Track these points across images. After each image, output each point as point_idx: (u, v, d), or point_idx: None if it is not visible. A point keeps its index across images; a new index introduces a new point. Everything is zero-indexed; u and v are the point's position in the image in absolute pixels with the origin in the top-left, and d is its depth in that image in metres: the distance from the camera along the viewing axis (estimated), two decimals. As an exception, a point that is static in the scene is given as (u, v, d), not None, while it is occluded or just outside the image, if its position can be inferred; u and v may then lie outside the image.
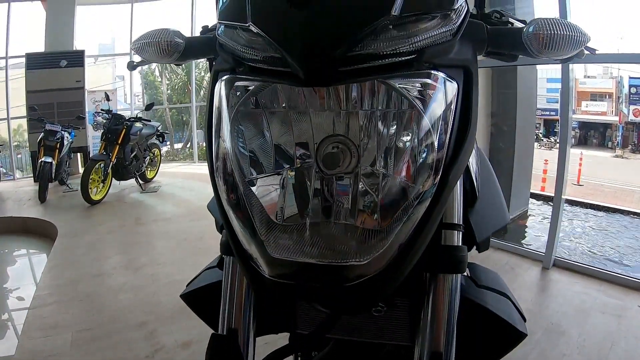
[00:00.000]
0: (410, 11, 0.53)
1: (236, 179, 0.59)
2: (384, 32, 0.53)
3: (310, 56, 0.51)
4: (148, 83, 16.44)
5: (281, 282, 0.58)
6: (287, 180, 0.58)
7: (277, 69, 0.56)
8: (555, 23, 0.64)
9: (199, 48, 0.78)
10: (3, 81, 7.77)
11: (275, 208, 0.58)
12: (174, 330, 2.30)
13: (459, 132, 0.58)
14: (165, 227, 4.25)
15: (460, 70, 0.60)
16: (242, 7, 0.57)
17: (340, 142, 0.56)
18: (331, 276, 0.56)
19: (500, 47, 0.70)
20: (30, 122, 6.75)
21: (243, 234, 0.60)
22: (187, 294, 0.93)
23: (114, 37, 14.70)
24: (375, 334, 0.83)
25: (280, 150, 0.59)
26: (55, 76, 6.99)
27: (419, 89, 0.54)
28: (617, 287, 2.73)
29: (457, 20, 0.59)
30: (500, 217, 0.91)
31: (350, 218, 0.57)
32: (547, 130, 18.95)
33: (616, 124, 19.34)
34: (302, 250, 0.56)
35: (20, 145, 10.75)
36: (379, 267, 0.56)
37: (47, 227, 4.35)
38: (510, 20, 0.80)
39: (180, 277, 2.89)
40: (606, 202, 9.88)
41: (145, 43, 0.76)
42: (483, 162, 0.97)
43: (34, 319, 2.47)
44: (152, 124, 6.32)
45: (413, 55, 0.55)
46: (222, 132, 0.60)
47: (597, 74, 20.27)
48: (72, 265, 3.30)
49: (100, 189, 5.24)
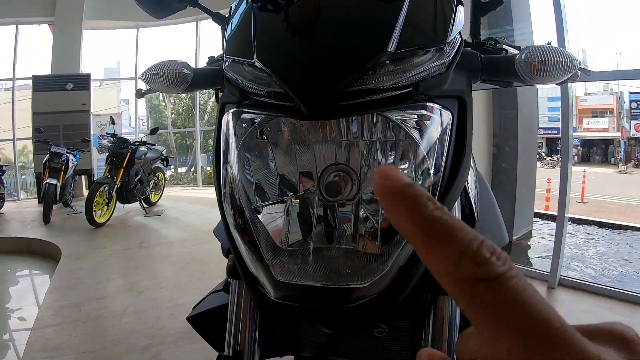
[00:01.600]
0: (406, 47, 0.57)
1: (243, 206, 0.61)
2: (381, 67, 0.56)
3: (312, 92, 0.54)
4: (153, 107, 16.64)
5: (286, 303, 0.60)
6: (291, 207, 0.61)
7: (281, 103, 0.59)
8: (546, 50, 0.67)
9: (206, 79, 0.81)
10: (10, 102, 7.89)
11: (280, 234, 0.60)
12: (178, 355, 2.28)
13: (454, 158, 0.60)
14: (169, 251, 4.24)
15: (454, 100, 0.63)
16: (249, 43, 0.60)
17: (342, 171, 0.58)
18: (334, 298, 0.58)
19: (494, 75, 0.73)
20: (35, 143, 6.84)
21: (250, 258, 0.62)
22: (193, 316, 0.95)
23: (119, 61, 14.99)
24: (378, 355, 0.84)
25: (284, 179, 0.61)
26: (61, 99, 7.12)
27: (416, 119, 0.57)
28: (624, 304, 2.70)
29: (451, 53, 0.62)
30: (499, 238, 0.93)
31: (352, 243, 0.59)
32: (549, 149, 18.97)
33: (618, 140, 19.35)
34: (306, 274, 0.58)
35: (25, 166, 10.83)
36: (380, 289, 0.58)
37: (51, 248, 4.36)
38: (504, 47, 0.83)
39: (182, 301, 2.88)
40: (611, 218, 9.77)
41: (155, 74, 0.79)
42: (482, 185, 0.99)
43: (36, 340, 2.46)
44: (156, 148, 6.40)
45: (409, 89, 0.58)
46: (230, 161, 0.63)
47: (597, 90, 20.40)
48: (75, 287, 3.30)
49: (105, 211, 5.27)
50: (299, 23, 0.60)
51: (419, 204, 0.18)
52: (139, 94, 1.01)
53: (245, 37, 0.62)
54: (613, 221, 8.74)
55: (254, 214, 0.61)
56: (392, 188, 0.18)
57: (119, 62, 15.28)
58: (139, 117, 11.10)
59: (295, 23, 0.60)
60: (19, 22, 7.67)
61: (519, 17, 4.49)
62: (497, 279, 0.16)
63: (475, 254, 0.17)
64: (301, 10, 0.62)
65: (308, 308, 0.60)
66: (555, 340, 0.16)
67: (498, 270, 0.16)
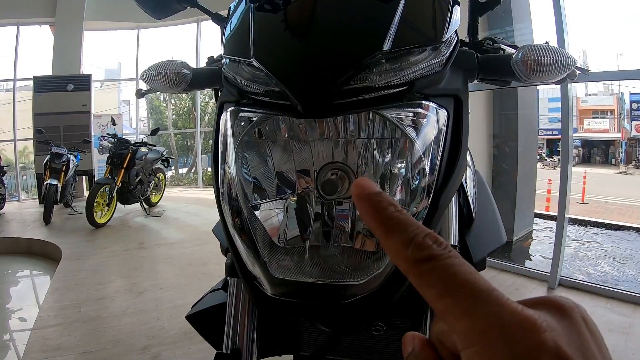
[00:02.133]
0: (401, 45, 0.57)
1: (241, 204, 0.62)
2: (376, 65, 0.57)
3: (308, 90, 0.55)
4: (153, 108, 16.63)
5: (283, 300, 0.61)
6: (288, 205, 0.61)
7: (279, 101, 0.59)
8: (542, 49, 0.68)
9: (205, 79, 0.82)
10: (10, 103, 7.91)
11: (277, 231, 0.61)
12: (177, 355, 2.29)
13: (450, 157, 0.61)
14: (169, 252, 4.25)
15: (450, 98, 0.63)
16: (246, 43, 0.61)
17: (339, 169, 0.59)
18: (330, 294, 0.58)
19: (490, 74, 0.73)
20: (36, 144, 6.85)
21: (247, 256, 0.62)
22: (192, 315, 0.95)
23: (120, 62, 14.98)
24: (376, 354, 0.84)
25: (282, 177, 0.61)
26: (62, 99, 7.13)
27: (412, 118, 0.57)
28: (624, 304, 2.70)
29: (447, 52, 0.62)
30: (496, 237, 0.93)
31: (348, 240, 0.59)
32: (550, 149, 18.96)
33: (619, 141, 19.33)
34: (302, 271, 0.59)
35: (26, 166, 10.85)
36: (376, 286, 0.58)
37: (52, 249, 4.36)
38: (502, 47, 0.83)
39: (183, 302, 2.88)
40: (611, 219, 9.75)
41: (154, 74, 0.80)
42: (480, 185, 1.00)
43: (36, 340, 2.47)
44: (157, 148, 6.41)
45: (405, 87, 0.58)
46: (228, 159, 0.63)
47: (598, 91, 20.40)
48: (76, 288, 3.30)
49: (105, 212, 5.28)
50: (295, 23, 0.61)
51: (381, 207, 0.23)
52: (139, 94, 1.02)
53: (243, 37, 0.63)
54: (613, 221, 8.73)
55: (252, 212, 0.62)
56: (363, 195, 0.24)
57: (119, 63, 15.27)
58: (140, 118, 11.17)
59: (292, 23, 0.61)
60: (20, 23, 7.69)
61: (518, 18, 4.49)
62: (435, 258, 0.21)
63: (420, 241, 0.22)
64: (298, 10, 0.62)
65: (305, 304, 0.61)
66: (482, 297, 0.20)
67: (435, 252, 0.21)
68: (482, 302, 0.19)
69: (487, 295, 0.20)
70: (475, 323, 0.19)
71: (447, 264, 0.21)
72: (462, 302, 0.20)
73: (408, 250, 0.22)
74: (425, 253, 0.21)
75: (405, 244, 0.22)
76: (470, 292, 0.20)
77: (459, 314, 0.20)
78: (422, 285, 0.21)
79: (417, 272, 0.21)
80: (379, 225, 0.23)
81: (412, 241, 0.22)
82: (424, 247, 0.21)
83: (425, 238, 0.22)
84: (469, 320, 0.19)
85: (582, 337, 0.20)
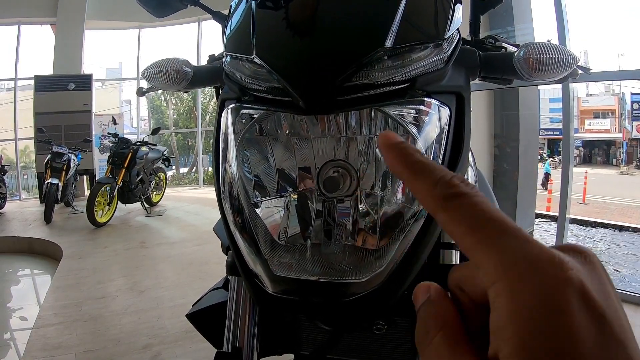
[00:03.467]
0: (403, 42, 0.57)
1: (242, 202, 0.61)
2: (378, 62, 0.56)
3: (309, 87, 0.55)
4: (154, 108, 16.67)
5: (284, 297, 0.60)
6: (290, 203, 0.61)
7: (280, 98, 0.59)
8: (544, 47, 0.67)
9: (206, 76, 0.82)
10: (12, 102, 7.92)
11: (278, 229, 0.61)
12: (178, 354, 2.29)
13: (452, 154, 0.61)
14: (170, 251, 4.25)
15: (452, 95, 0.63)
16: (248, 40, 0.61)
17: (341, 167, 0.58)
18: (331, 292, 0.58)
19: (493, 72, 0.73)
20: (37, 143, 6.86)
21: (248, 254, 0.62)
22: (193, 313, 0.95)
23: (121, 61, 14.99)
24: (377, 353, 0.84)
25: (283, 174, 0.61)
26: (63, 99, 7.14)
27: (414, 115, 0.57)
28: (624, 305, 2.66)
29: (449, 49, 0.62)
30: None
31: (350, 239, 0.59)
32: (551, 150, 18.95)
33: (620, 141, 19.32)
34: (303, 269, 0.59)
35: (27, 166, 10.86)
36: (377, 284, 0.58)
37: (52, 248, 4.37)
38: (504, 45, 0.83)
39: (183, 301, 2.88)
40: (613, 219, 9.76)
41: (155, 71, 0.80)
42: (482, 183, 0.99)
43: (37, 339, 2.47)
44: (158, 148, 6.41)
45: (407, 84, 0.58)
46: (229, 157, 0.63)
47: (599, 91, 20.38)
48: (77, 287, 3.31)
49: (106, 211, 5.28)
50: (297, 19, 0.61)
51: (407, 152, 0.24)
52: (140, 92, 1.02)
53: (244, 34, 0.63)
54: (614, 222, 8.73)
55: (253, 210, 0.61)
56: (390, 144, 0.25)
57: (120, 63, 15.28)
58: (141, 118, 11.18)
59: (294, 19, 0.61)
60: (21, 23, 7.69)
61: (520, 18, 4.49)
62: (464, 195, 0.22)
63: (448, 180, 0.23)
64: (300, 7, 0.62)
65: (305, 302, 0.60)
66: (512, 233, 0.20)
67: (464, 190, 0.22)
68: (512, 237, 0.20)
69: (516, 231, 0.20)
70: (505, 257, 0.20)
71: (476, 201, 0.21)
72: (492, 236, 0.20)
73: (437, 189, 0.22)
74: (454, 190, 0.22)
75: (434, 183, 0.23)
76: (500, 227, 0.20)
77: (487, 248, 0.20)
78: (451, 222, 0.22)
79: (446, 208, 0.22)
80: (406, 169, 0.24)
81: (440, 180, 0.23)
82: (452, 185, 0.22)
83: (453, 178, 0.23)
84: (498, 254, 0.20)
85: (603, 282, 0.20)
